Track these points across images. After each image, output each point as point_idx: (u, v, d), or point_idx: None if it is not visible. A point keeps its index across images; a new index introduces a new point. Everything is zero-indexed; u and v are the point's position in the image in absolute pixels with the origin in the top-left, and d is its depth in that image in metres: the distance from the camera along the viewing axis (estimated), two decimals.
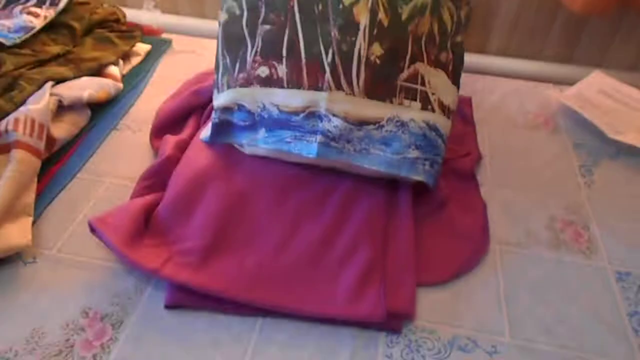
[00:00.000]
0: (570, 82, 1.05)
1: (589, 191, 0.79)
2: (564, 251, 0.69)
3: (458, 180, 0.78)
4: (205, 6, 1.37)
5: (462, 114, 0.93)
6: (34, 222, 0.68)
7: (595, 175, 0.82)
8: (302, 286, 0.61)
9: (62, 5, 0.97)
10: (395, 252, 0.65)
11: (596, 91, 0.98)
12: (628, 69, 1.25)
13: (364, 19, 0.62)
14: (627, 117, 0.91)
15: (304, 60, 0.64)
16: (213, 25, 1.30)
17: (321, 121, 0.65)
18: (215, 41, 0.72)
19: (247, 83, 0.67)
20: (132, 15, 1.19)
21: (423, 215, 0.71)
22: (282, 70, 0.65)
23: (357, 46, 0.63)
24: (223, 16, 0.68)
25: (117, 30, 1.04)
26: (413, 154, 0.66)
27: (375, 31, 0.63)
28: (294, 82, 0.65)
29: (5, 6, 0.99)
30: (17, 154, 0.70)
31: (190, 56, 1.07)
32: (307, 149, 0.66)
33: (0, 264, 0.63)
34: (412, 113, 0.65)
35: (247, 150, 0.73)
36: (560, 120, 0.94)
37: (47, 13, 0.94)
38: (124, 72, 0.98)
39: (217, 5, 1.33)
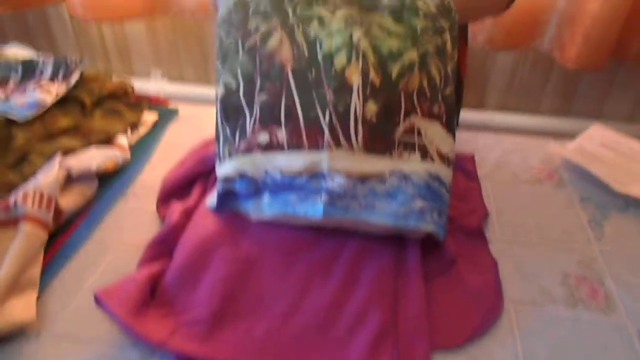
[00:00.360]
0: (570, 135, 1.06)
1: (600, 245, 0.78)
2: (581, 309, 0.67)
3: (466, 238, 0.78)
4: (210, 73, 1.43)
5: (466, 170, 0.94)
6: (38, 296, 0.67)
7: (605, 228, 0.81)
8: (312, 354, 0.60)
9: (73, 81, 1.00)
10: (407, 314, 0.64)
11: (597, 144, 0.99)
12: (626, 121, 1.27)
13: (356, 80, 0.65)
14: (630, 169, 0.92)
15: (302, 124, 0.66)
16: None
17: (324, 180, 0.66)
18: None
19: (248, 150, 0.69)
20: (139, 84, 1.23)
21: (432, 274, 0.70)
22: (281, 135, 0.66)
23: (353, 106, 0.65)
24: (220, 90, 0.70)
25: (125, 102, 1.07)
26: (419, 204, 0.66)
27: (368, 90, 0.65)
28: (295, 145, 0.66)
29: (20, 83, 1.03)
30: (24, 227, 0.70)
31: (196, 123, 1.10)
32: (313, 210, 0.67)
33: (2, 340, 0.62)
34: (413, 164, 0.66)
35: (253, 216, 0.74)
36: (564, 174, 0.95)
37: (59, 88, 0.98)
38: (132, 141, 1.00)
39: None
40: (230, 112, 0.70)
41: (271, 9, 0.67)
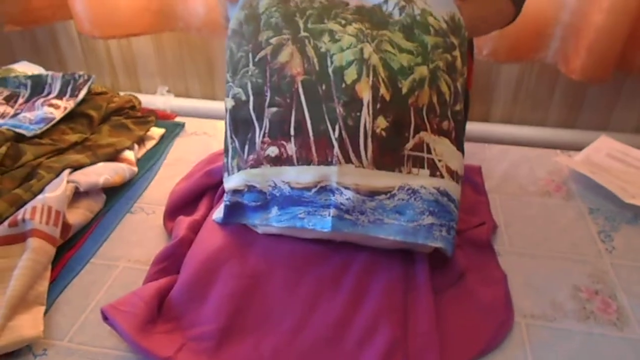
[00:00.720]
0: (577, 147, 1.06)
1: (611, 258, 0.77)
2: (592, 323, 0.66)
3: (475, 251, 0.77)
4: (216, 88, 1.44)
5: (473, 183, 0.93)
6: (46, 311, 0.67)
7: (616, 241, 0.80)
8: None
9: (81, 96, 1.02)
10: (417, 330, 0.63)
11: (604, 155, 0.99)
12: (634, 131, 1.27)
13: (366, 95, 0.65)
14: (638, 180, 0.91)
15: (312, 138, 0.66)
16: (223, 106, 1.37)
17: (333, 195, 0.65)
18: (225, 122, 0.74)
19: (257, 164, 0.68)
20: (146, 100, 1.24)
21: (441, 288, 0.70)
22: (291, 148, 0.66)
23: (363, 121, 0.64)
24: (230, 102, 0.70)
25: (132, 117, 1.08)
26: (428, 220, 0.65)
27: (378, 106, 0.65)
28: (304, 159, 0.66)
29: (28, 99, 1.05)
30: (32, 242, 0.70)
31: (202, 138, 1.11)
32: (321, 224, 0.66)
33: (9, 356, 0.62)
34: (422, 180, 0.66)
35: (260, 229, 0.73)
36: (572, 186, 0.94)
37: (67, 104, 0.99)
38: (139, 155, 1.01)
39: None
40: (239, 125, 0.70)
41: (282, 22, 0.68)
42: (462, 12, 0.70)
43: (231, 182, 0.72)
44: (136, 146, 1.02)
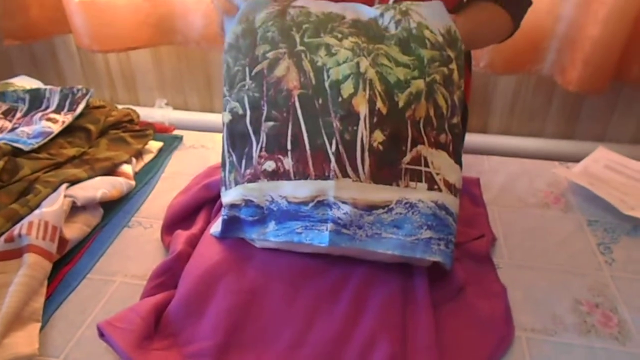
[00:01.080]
0: (575, 158, 1.06)
1: (611, 270, 0.76)
2: (594, 337, 0.65)
3: (474, 264, 0.77)
4: (214, 100, 1.44)
5: (471, 195, 0.93)
6: (41, 328, 0.66)
7: (615, 253, 0.80)
8: None
9: (79, 110, 1.02)
10: (417, 345, 0.62)
11: (603, 167, 0.99)
12: (631, 142, 1.27)
13: (363, 109, 0.65)
14: (637, 192, 0.91)
15: (309, 152, 0.66)
16: (221, 119, 1.37)
17: (330, 209, 0.65)
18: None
19: (254, 178, 0.68)
20: (145, 112, 1.24)
21: (441, 301, 0.69)
22: (288, 163, 0.66)
23: (360, 135, 0.64)
24: (227, 116, 0.71)
25: (130, 130, 1.08)
26: (426, 234, 0.65)
27: (375, 119, 0.65)
28: (301, 173, 0.66)
29: (26, 113, 1.05)
30: (29, 258, 0.69)
31: (200, 151, 1.11)
32: (319, 238, 0.66)
33: None
34: (420, 194, 0.65)
35: (258, 244, 0.73)
36: (570, 198, 0.94)
37: (65, 118, 0.99)
38: (137, 169, 1.01)
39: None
40: (236, 139, 0.70)
41: (279, 36, 0.68)
42: (460, 27, 0.70)
43: (228, 196, 0.72)
44: (134, 159, 1.02)
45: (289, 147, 0.66)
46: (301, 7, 0.69)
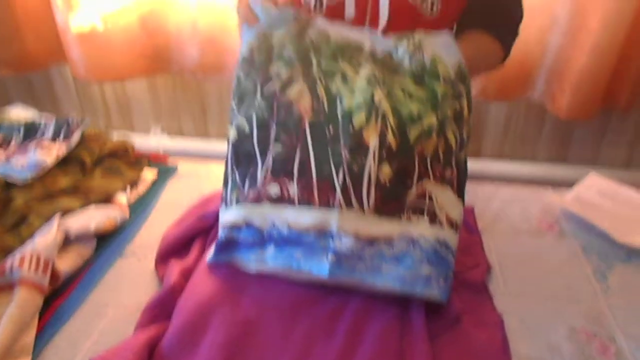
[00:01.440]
0: (567, 182, 1.07)
1: (607, 298, 0.76)
2: None
3: (470, 293, 0.76)
4: (209, 127, 1.45)
5: (466, 223, 0.93)
6: None
7: (610, 280, 0.80)
8: None
9: (74, 140, 1.02)
10: None
11: (595, 193, 1.00)
12: (622, 167, 1.29)
13: (373, 142, 0.64)
14: (630, 218, 0.92)
15: (315, 180, 0.65)
16: (216, 146, 1.38)
17: (332, 240, 0.65)
18: (218, 163, 0.73)
19: (257, 200, 0.68)
20: (140, 140, 1.25)
21: (437, 333, 0.68)
22: (293, 188, 0.66)
23: (367, 167, 0.64)
24: (232, 133, 0.70)
25: (125, 160, 1.08)
26: (426, 270, 0.65)
27: (384, 153, 0.64)
28: (305, 201, 0.65)
29: (22, 143, 1.05)
30: (20, 292, 0.69)
31: (195, 180, 1.10)
32: (318, 268, 0.66)
33: None
34: (422, 229, 0.65)
35: (254, 267, 0.72)
36: (564, 225, 0.94)
37: (59, 149, 0.99)
38: (131, 199, 1.00)
39: (220, 124, 1.42)
40: (241, 157, 0.69)
41: (295, 57, 0.67)
42: None
43: (229, 215, 0.71)
44: (128, 189, 1.01)
45: (295, 173, 0.66)
46: (321, 29, 0.69)
